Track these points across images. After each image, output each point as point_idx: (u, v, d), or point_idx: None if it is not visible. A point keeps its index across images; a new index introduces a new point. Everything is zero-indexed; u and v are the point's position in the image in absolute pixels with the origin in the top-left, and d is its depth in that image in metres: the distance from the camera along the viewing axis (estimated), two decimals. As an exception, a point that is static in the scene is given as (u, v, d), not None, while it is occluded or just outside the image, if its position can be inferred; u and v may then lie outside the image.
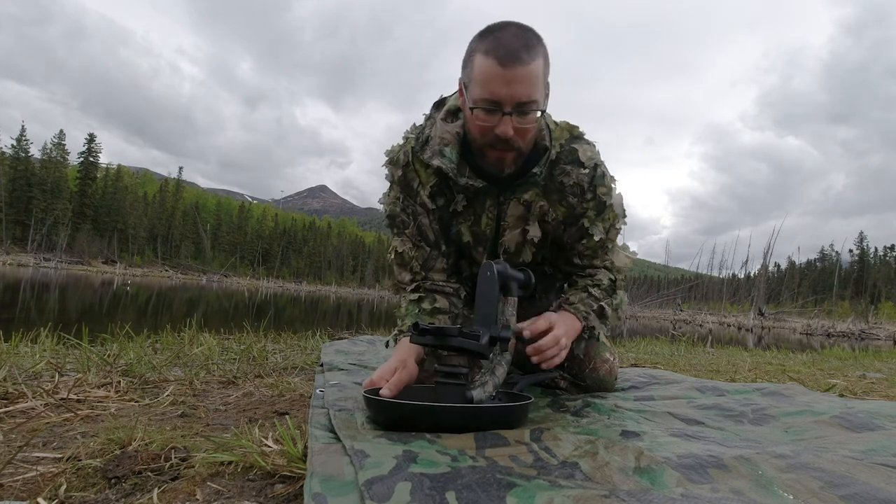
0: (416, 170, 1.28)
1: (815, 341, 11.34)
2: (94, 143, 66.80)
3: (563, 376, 1.44)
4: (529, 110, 1.10)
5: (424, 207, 1.31)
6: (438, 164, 1.23)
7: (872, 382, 2.18)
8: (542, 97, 1.11)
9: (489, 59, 1.06)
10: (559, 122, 1.31)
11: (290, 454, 0.76)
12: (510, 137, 1.12)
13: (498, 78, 1.06)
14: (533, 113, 1.11)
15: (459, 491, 0.59)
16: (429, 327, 0.97)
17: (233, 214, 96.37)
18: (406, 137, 1.31)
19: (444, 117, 1.26)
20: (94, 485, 0.69)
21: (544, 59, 1.10)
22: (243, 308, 11.47)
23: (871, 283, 79.87)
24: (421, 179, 1.28)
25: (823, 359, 3.41)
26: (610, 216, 1.34)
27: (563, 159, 1.27)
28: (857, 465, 0.73)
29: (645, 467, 0.71)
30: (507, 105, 1.08)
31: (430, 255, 1.35)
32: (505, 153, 1.17)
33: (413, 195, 1.31)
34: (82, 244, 60.11)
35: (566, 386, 1.45)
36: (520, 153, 1.19)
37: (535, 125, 1.16)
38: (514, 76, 1.05)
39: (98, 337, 1.83)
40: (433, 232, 1.34)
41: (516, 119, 1.10)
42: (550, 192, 1.30)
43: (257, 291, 28.54)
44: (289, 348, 2.18)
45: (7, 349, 1.55)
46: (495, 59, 1.05)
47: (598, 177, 1.30)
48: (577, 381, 1.43)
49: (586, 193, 1.30)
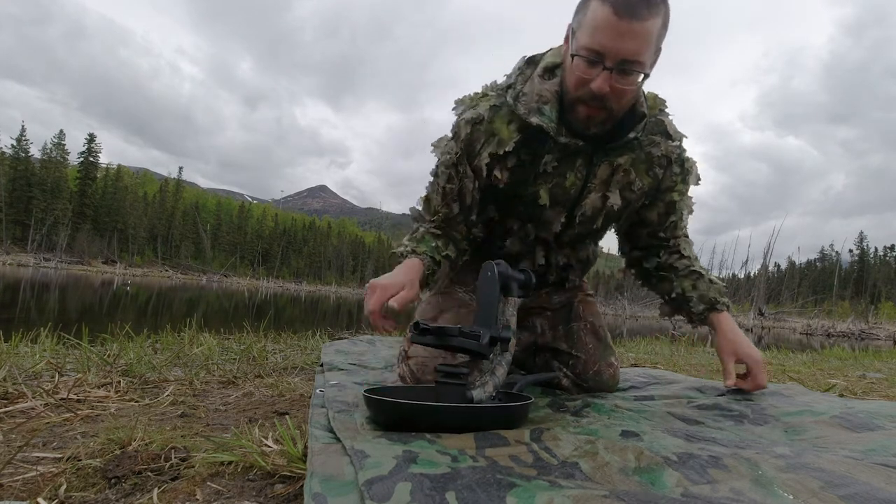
0: (496, 127, 1.20)
1: (815, 341, 11.35)
2: (94, 143, 66.78)
3: (566, 374, 1.44)
4: (633, 70, 1.04)
5: (477, 172, 1.25)
6: (537, 121, 1.16)
7: (872, 382, 2.18)
8: (649, 60, 1.05)
9: (605, 7, 0.99)
10: (646, 93, 1.24)
11: (290, 454, 0.76)
12: (605, 94, 1.06)
13: (609, 28, 1.00)
14: (636, 74, 1.05)
15: (459, 491, 0.59)
16: (429, 327, 0.97)
17: (233, 214, 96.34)
18: (486, 93, 1.24)
19: (542, 73, 1.19)
20: (94, 485, 0.69)
21: (664, 20, 1.03)
22: (243, 308, 11.47)
23: (871, 283, 79.87)
24: (501, 137, 1.20)
25: (823, 359, 3.41)
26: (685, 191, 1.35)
27: (651, 129, 1.24)
28: (857, 465, 0.73)
29: (645, 467, 0.71)
30: (609, 59, 1.02)
31: (455, 217, 1.29)
32: (596, 111, 1.11)
33: (473, 156, 1.24)
34: (82, 244, 60.09)
35: (568, 385, 1.44)
36: (611, 115, 1.13)
37: (635, 88, 1.09)
38: (628, 30, 0.99)
39: (98, 337, 1.83)
40: (471, 198, 1.28)
41: (616, 77, 1.04)
42: (639, 161, 1.25)
43: (257, 291, 28.54)
44: (289, 348, 2.18)
45: (7, 349, 1.55)
46: (611, 8, 0.99)
47: (684, 152, 1.29)
48: (580, 382, 1.42)
49: (673, 166, 1.28)
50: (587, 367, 1.41)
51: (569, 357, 1.44)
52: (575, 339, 1.46)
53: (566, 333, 1.47)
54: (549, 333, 1.49)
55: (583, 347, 1.44)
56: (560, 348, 1.46)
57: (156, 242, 76.77)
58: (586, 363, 1.41)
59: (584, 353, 1.43)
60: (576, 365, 1.42)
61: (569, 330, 1.47)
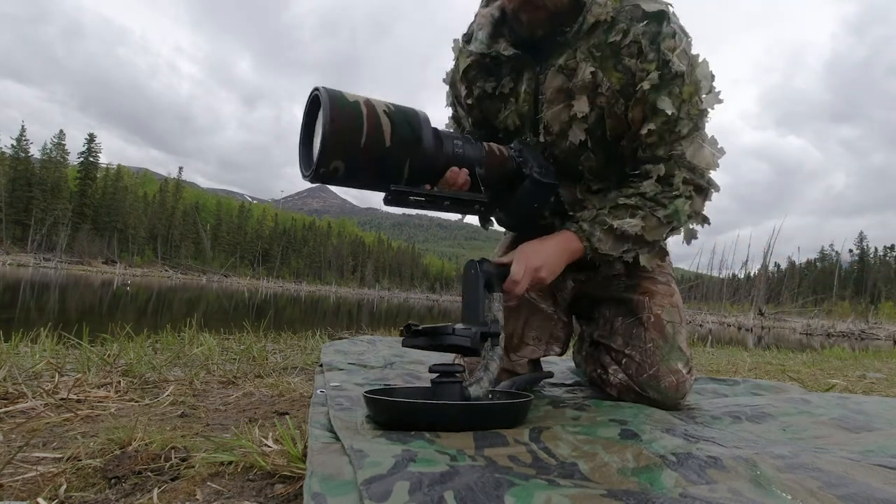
0: (459, 64, 1.25)
1: (815, 341, 11.34)
2: (94, 143, 66.83)
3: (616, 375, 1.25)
4: None
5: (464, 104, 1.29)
6: (472, 48, 1.19)
7: (872, 382, 2.18)
8: None
9: None
10: None
11: (290, 454, 0.77)
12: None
13: None
14: None
15: (458, 490, 0.59)
16: (421, 328, 0.97)
17: (233, 214, 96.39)
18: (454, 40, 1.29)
19: (484, 3, 1.22)
20: (94, 485, 0.70)
21: None
22: (243, 308, 11.46)
23: (871, 283, 79.90)
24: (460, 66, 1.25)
25: (823, 359, 3.41)
26: (685, 90, 1.06)
27: (622, 18, 1.06)
28: (855, 465, 0.74)
29: (643, 467, 0.71)
30: None
31: None
32: (532, 12, 1.06)
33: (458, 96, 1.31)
34: (82, 244, 60.12)
35: (618, 385, 1.23)
36: (549, 11, 1.06)
37: None
38: None
39: (98, 337, 1.83)
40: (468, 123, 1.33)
41: None
42: (606, 57, 1.07)
43: (257, 291, 28.54)
44: (289, 348, 2.18)
45: (7, 349, 1.55)
46: None
47: (666, 33, 1.04)
48: (633, 387, 1.20)
49: (647, 52, 1.04)
50: (641, 370, 1.19)
51: (621, 355, 1.23)
52: (632, 334, 1.24)
53: (625, 327, 1.26)
54: (606, 327, 1.30)
55: (639, 344, 1.21)
56: (613, 345, 1.26)
57: (156, 242, 76.79)
58: (641, 364, 1.19)
59: (639, 352, 1.21)
60: (628, 365, 1.21)
61: (629, 324, 1.26)
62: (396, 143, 0.92)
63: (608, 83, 1.08)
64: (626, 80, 1.07)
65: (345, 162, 0.90)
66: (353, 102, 0.90)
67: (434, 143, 0.98)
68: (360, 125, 0.88)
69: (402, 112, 0.94)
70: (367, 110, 0.90)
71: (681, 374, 1.18)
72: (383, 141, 0.90)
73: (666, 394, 1.17)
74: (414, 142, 0.94)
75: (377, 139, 0.90)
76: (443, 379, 0.96)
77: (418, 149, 0.95)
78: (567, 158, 1.19)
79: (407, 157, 0.95)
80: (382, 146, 0.91)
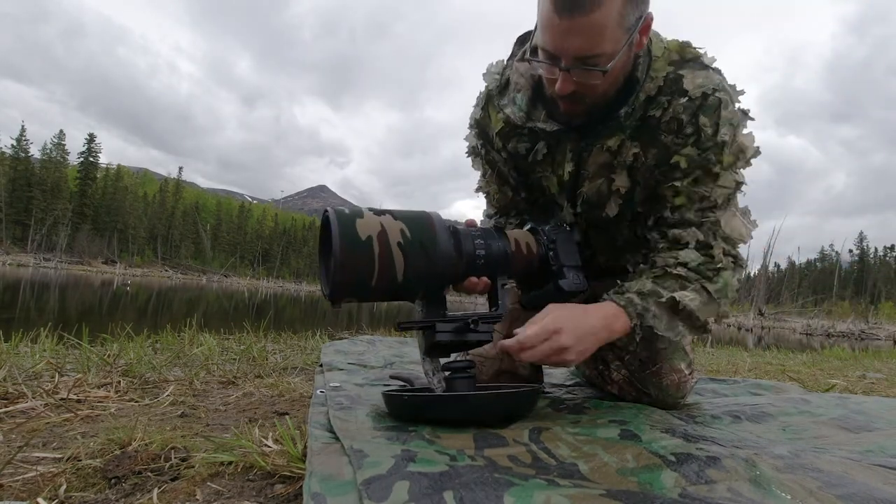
0: (490, 115, 1.17)
1: (815, 341, 11.34)
2: (94, 143, 66.82)
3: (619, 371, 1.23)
4: (592, 66, 0.93)
5: (500, 153, 1.20)
6: (509, 112, 1.11)
7: (872, 382, 2.18)
8: (613, 48, 0.91)
9: (547, 1, 0.89)
10: (667, 43, 1.03)
11: (290, 454, 0.77)
12: (572, 92, 0.96)
13: (553, 27, 0.90)
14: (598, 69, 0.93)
15: (457, 490, 0.59)
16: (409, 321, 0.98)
17: (233, 214, 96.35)
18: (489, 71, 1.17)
19: (521, 58, 1.09)
20: (94, 485, 0.70)
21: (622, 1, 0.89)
22: (243, 308, 11.46)
23: (871, 283, 79.90)
24: (493, 125, 1.16)
25: (823, 359, 3.41)
26: (723, 158, 1.01)
27: (664, 91, 1.01)
28: (854, 465, 0.74)
29: (643, 468, 0.71)
30: (564, 59, 0.92)
31: (513, 199, 1.26)
32: (572, 107, 1.01)
33: (489, 140, 1.20)
34: (82, 244, 60.11)
35: (620, 382, 1.22)
36: (590, 107, 1.02)
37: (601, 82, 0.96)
38: (571, 27, 0.88)
39: (98, 337, 1.83)
40: (512, 178, 1.23)
41: (578, 74, 0.94)
42: (644, 132, 1.04)
43: (257, 291, 28.53)
44: (289, 348, 2.18)
45: (7, 349, 1.55)
46: (552, 4, 0.88)
47: (708, 107, 0.99)
48: (635, 384, 1.20)
49: (685, 127, 1.00)
50: (644, 367, 1.17)
51: (625, 352, 1.20)
52: None
53: None
54: None
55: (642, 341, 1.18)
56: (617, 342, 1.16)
57: (156, 242, 76.77)
58: (643, 362, 1.17)
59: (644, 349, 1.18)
60: (631, 362, 1.19)
61: None
62: (409, 277, 0.89)
63: (644, 158, 1.05)
64: (661, 154, 1.04)
65: (357, 298, 0.90)
66: (365, 241, 0.86)
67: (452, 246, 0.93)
68: (372, 269, 0.86)
69: (416, 237, 0.89)
70: (380, 248, 0.86)
71: (683, 374, 1.18)
72: (395, 278, 0.88)
73: (667, 392, 1.17)
74: (427, 272, 0.91)
75: (389, 277, 0.87)
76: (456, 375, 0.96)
77: (433, 274, 0.91)
78: (598, 225, 1.17)
79: (420, 287, 0.93)
80: (395, 283, 0.88)
